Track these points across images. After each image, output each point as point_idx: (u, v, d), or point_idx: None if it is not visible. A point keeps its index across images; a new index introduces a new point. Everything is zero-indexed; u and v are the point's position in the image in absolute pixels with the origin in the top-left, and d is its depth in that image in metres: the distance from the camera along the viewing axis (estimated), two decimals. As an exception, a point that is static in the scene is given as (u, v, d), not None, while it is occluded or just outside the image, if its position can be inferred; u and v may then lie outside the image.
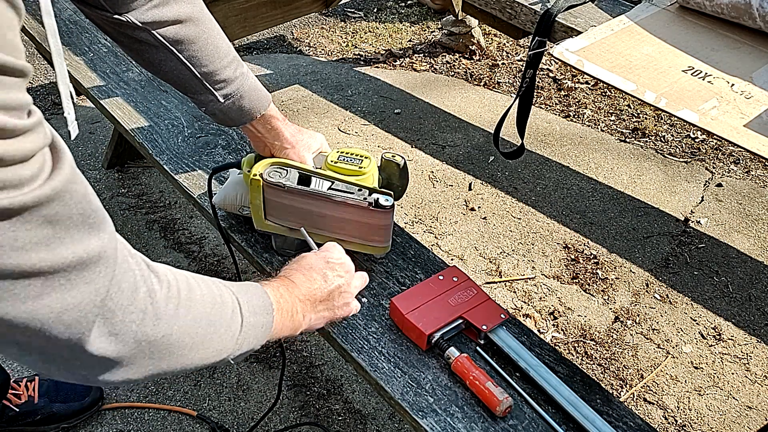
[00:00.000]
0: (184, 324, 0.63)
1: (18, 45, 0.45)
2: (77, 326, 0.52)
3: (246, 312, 0.74)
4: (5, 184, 0.44)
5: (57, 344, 0.52)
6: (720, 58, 1.28)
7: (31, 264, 0.47)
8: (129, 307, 0.56)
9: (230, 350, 0.72)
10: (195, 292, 0.66)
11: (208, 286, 0.70)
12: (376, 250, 1.14)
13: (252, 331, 0.75)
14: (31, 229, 0.46)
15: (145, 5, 0.93)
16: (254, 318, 0.76)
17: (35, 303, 0.48)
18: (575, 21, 1.50)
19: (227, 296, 0.73)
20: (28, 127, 0.46)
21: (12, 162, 0.44)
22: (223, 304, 0.71)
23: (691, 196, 2.31)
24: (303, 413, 1.63)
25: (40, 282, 0.48)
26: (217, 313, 0.69)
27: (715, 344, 1.82)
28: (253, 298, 0.78)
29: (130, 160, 2.33)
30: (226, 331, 0.71)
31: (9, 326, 0.49)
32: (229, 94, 1.03)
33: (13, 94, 0.45)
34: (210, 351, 0.68)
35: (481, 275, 1.98)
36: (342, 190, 1.06)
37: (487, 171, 2.38)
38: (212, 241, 2.06)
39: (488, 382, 0.98)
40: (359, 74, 2.93)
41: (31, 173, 0.46)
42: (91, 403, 1.56)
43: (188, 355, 0.65)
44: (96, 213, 0.52)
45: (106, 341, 0.55)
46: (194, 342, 0.65)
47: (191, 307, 0.65)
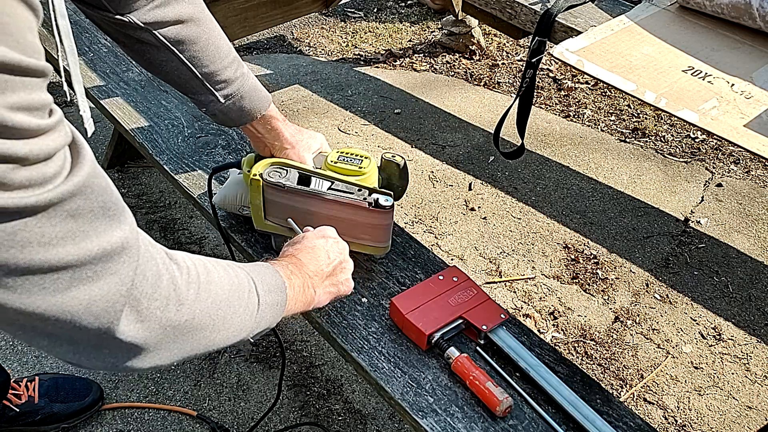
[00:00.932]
0: (205, 307, 0.65)
1: (37, 45, 0.47)
2: (106, 316, 0.53)
3: (261, 291, 0.77)
4: (31, 183, 0.46)
5: (87, 334, 0.54)
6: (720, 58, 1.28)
7: (59, 258, 0.48)
8: (153, 295, 0.58)
9: (250, 329, 0.75)
10: (213, 275, 0.68)
11: (224, 268, 0.72)
12: (376, 250, 1.14)
13: (268, 309, 0.78)
14: (57, 224, 0.48)
15: (147, 6, 0.93)
16: (269, 296, 0.79)
17: (64, 296, 0.50)
18: (575, 21, 1.50)
19: (243, 277, 0.75)
20: (51, 126, 0.47)
21: (36, 161, 0.46)
22: (239, 285, 0.73)
23: (691, 196, 2.31)
24: (303, 413, 1.63)
25: (68, 275, 0.50)
26: (235, 295, 0.71)
27: (715, 344, 1.82)
28: (266, 277, 0.80)
29: (130, 160, 2.33)
30: (244, 311, 0.73)
31: (41, 319, 0.50)
32: (230, 95, 1.03)
33: (36, 95, 0.46)
34: (231, 331, 0.71)
35: (481, 275, 1.98)
36: (342, 190, 1.06)
37: (487, 171, 2.38)
38: (212, 241, 2.06)
39: (488, 382, 0.98)
40: (359, 74, 2.93)
41: (54, 171, 0.47)
42: (91, 403, 1.56)
43: (211, 336, 0.67)
44: (116, 205, 0.54)
45: (133, 329, 0.56)
46: (215, 323, 0.67)
47: (210, 290, 0.67)
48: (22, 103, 0.44)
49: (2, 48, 0.43)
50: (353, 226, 1.09)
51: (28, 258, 0.47)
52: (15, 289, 0.48)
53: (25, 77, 0.45)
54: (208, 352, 0.69)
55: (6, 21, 0.43)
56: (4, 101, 0.43)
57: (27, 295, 0.48)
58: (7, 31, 0.43)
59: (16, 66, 0.44)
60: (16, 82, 0.44)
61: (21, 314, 0.49)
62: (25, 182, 0.45)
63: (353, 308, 1.12)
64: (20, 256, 0.46)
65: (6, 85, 0.43)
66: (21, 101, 0.44)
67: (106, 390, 1.63)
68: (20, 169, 0.45)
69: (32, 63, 0.45)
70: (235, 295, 0.71)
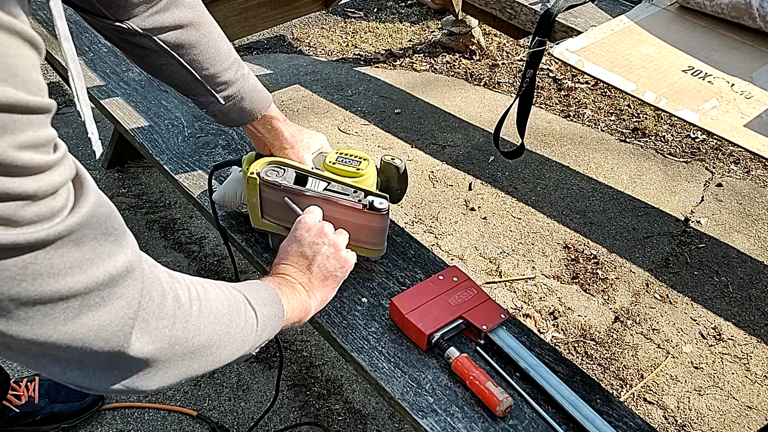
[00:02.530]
0: (208, 323, 0.67)
1: (41, 83, 0.48)
2: (115, 339, 0.55)
3: (256, 305, 0.78)
4: (40, 218, 0.47)
5: (98, 358, 0.55)
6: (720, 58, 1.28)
7: (69, 287, 0.49)
8: (160, 314, 0.59)
9: (252, 342, 0.76)
10: (210, 294, 0.70)
11: (218, 287, 0.74)
12: (371, 252, 1.14)
13: (267, 321, 0.80)
14: (64, 254, 0.49)
15: (146, 12, 0.93)
16: (266, 309, 0.80)
17: (75, 323, 0.51)
18: (575, 21, 1.50)
19: (236, 294, 0.76)
20: (57, 161, 0.48)
21: (44, 196, 0.47)
22: (235, 301, 0.75)
23: (691, 196, 2.31)
24: (303, 413, 1.63)
25: (77, 303, 0.51)
26: (233, 311, 0.73)
27: (715, 344, 1.82)
28: (258, 292, 0.82)
29: (131, 160, 2.33)
30: (245, 325, 0.75)
31: (53, 347, 0.51)
32: (230, 96, 1.03)
33: (42, 132, 0.47)
34: (235, 346, 0.72)
35: (481, 275, 1.98)
36: (337, 191, 1.06)
37: (487, 171, 2.38)
38: (212, 241, 2.06)
39: (488, 382, 0.98)
40: (359, 74, 2.93)
41: (61, 204, 0.48)
42: (91, 403, 1.56)
43: (217, 352, 0.69)
44: (118, 230, 0.55)
45: (144, 349, 0.58)
46: (220, 339, 0.69)
47: (211, 306, 0.68)
48: (29, 141, 0.45)
49: (9, 89, 0.44)
50: (348, 227, 1.08)
51: (39, 290, 0.48)
52: (27, 321, 0.49)
53: (32, 115, 0.46)
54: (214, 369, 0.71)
55: (12, 62, 0.44)
56: (13, 141, 0.44)
57: (39, 326, 0.49)
58: (13, 72, 0.44)
59: (23, 106, 0.45)
60: (23, 122, 0.45)
61: (33, 344, 0.50)
62: (35, 218, 0.46)
63: (353, 308, 1.12)
64: (31, 288, 0.47)
65: (15, 126, 0.44)
66: (28, 140, 0.45)
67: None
68: (30, 205, 0.46)
69: (38, 102, 0.46)
70: (234, 312, 0.73)
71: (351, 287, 1.16)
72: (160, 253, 2.02)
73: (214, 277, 1.95)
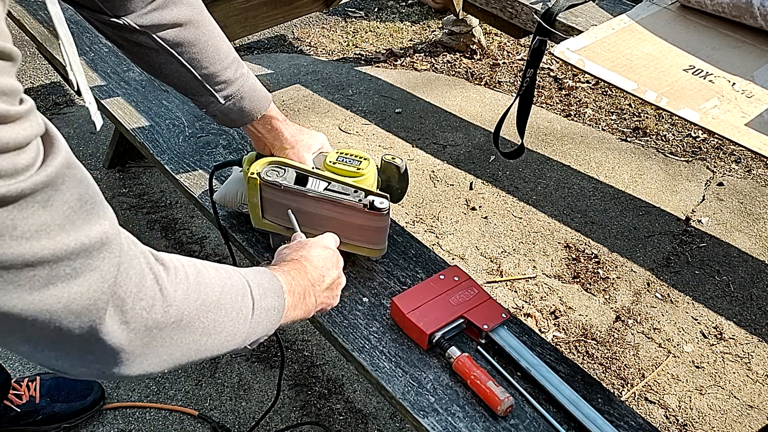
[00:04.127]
0: (194, 308, 0.62)
1: (5, 30, 0.45)
2: (87, 315, 0.51)
3: (257, 295, 0.73)
4: (1, 173, 0.43)
5: (69, 337, 0.51)
6: (721, 57, 1.28)
7: (33, 252, 0.46)
8: (138, 294, 0.55)
9: (244, 334, 0.71)
10: (203, 277, 0.65)
11: (216, 270, 0.69)
12: (372, 252, 1.14)
13: (264, 314, 0.74)
14: (29, 216, 0.45)
15: (144, 8, 0.92)
16: (265, 301, 0.75)
17: (42, 294, 0.47)
18: (576, 20, 1.50)
19: (237, 279, 0.72)
20: (21, 114, 0.45)
21: (7, 149, 0.43)
22: (232, 287, 0.70)
23: (692, 195, 2.31)
24: (304, 413, 1.63)
25: (45, 271, 0.47)
26: (227, 297, 0.68)
27: (716, 343, 1.82)
28: (263, 281, 0.77)
29: (131, 160, 2.34)
30: (237, 315, 0.69)
31: (18, 320, 0.48)
32: (230, 96, 1.03)
33: (5, 79, 0.44)
34: (224, 335, 0.67)
35: (482, 275, 1.98)
36: (337, 191, 1.06)
37: (488, 170, 2.38)
38: (213, 241, 2.06)
39: (489, 382, 0.98)
40: (360, 74, 2.93)
41: (26, 162, 0.45)
42: (92, 403, 1.56)
43: (201, 341, 0.64)
44: (94, 198, 0.51)
45: (118, 330, 0.54)
46: (206, 327, 0.64)
47: (201, 291, 0.64)
48: None
49: None
50: (348, 227, 1.09)
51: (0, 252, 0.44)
52: None
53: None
54: (200, 360, 0.66)
55: None
56: None
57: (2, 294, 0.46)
58: None
59: None
60: None
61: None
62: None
63: (354, 308, 1.12)
64: None
65: None
66: None
67: (108, 389, 1.64)
68: None
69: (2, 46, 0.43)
70: (228, 298, 0.68)
71: (352, 287, 1.16)
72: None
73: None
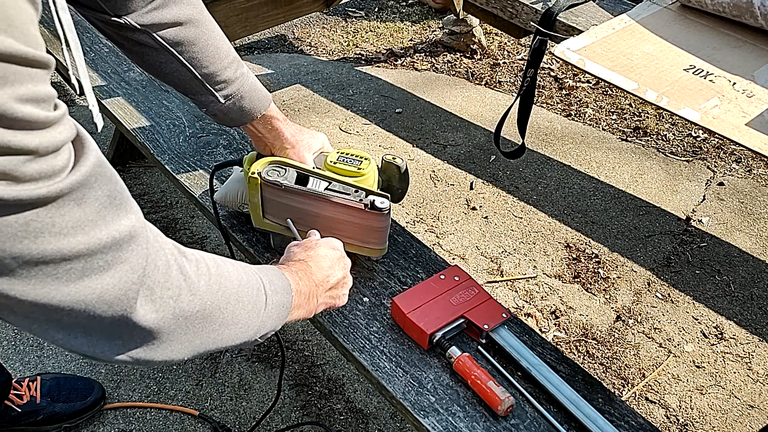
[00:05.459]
0: (216, 299, 0.66)
1: (39, 38, 0.47)
2: (119, 304, 0.54)
3: (269, 290, 0.77)
4: (41, 175, 0.46)
5: (102, 323, 0.54)
6: (721, 56, 1.28)
7: (71, 248, 0.49)
8: (165, 284, 0.59)
9: (256, 327, 0.75)
10: (223, 269, 0.69)
11: (233, 264, 0.73)
12: (372, 252, 1.14)
13: (275, 309, 0.78)
14: (65, 213, 0.49)
15: (145, 7, 0.92)
16: (276, 297, 0.78)
17: (78, 285, 0.51)
18: (576, 20, 1.50)
19: (252, 274, 0.75)
20: (58, 119, 0.48)
21: (46, 153, 0.46)
22: (249, 281, 0.74)
23: (692, 194, 2.31)
24: (305, 413, 1.63)
25: (80, 264, 0.50)
26: (244, 290, 0.72)
27: (716, 343, 1.82)
28: (273, 278, 0.80)
29: (132, 160, 2.34)
30: (253, 308, 0.73)
31: (55, 310, 0.51)
32: (230, 95, 1.03)
33: (42, 87, 0.46)
34: (239, 327, 0.71)
35: (482, 274, 1.98)
36: (338, 190, 1.06)
37: (488, 170, 2.38)
38: (214, 241, 2.06)
39: (490, 382, 0.98)
40: (360, 74, 2.93)
41: (62, 163, 0.48)
42: (93, 403, 1.56)
43: (220, 330, 0.68)
44: (122, 194, 0.55)
45: (149, 317, 0.57)
46: (225, 317, 0.68)
47: (221, 283, 0.67)
48: (29, 94, 0.45)
49: (9, 40, 0.43)
50: (349, 227, 1.09)
51: (41, 248, 0.48)
52: (29, 280, 0.48)
53: (32, 69, 0.45)
54: (216, 350, 0.70)
55: (11, 14, 0.44)
56: (13, 93, 0.44)
57: (41, 286, 0.49)
58: (12, 24, 0.44)
59: (23, 57, 0.44)
60: (23, 74, 0.44)
61: (36, 306, 0.50)
62: (36, 175, 0.46)
63: (355, 308, 1.12)
64: (33, 246, 0.47)
65: (15, 77, 0.44)
66: (29, 93, 0.45)
67: (108, 389, 1.64)
68: (31, 162, 0.45)
69: (37, 54, 0.45)
70: (245, 290, 0.72)
71: (353, 287, 1.16)
72: (161, 252, 2.02)
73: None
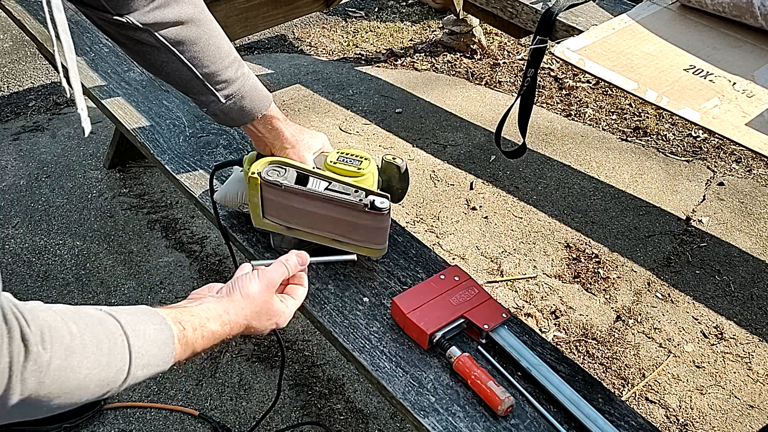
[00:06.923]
0: (44, 394, 0.59)
1: None
2: None
3: (135, 367, 0.67)
4: None
5: None
6: (721, 56, 1.28)
7: None
8: None
9: (104, 397, 0.67)
10: (73, 359, 0.60)
11: (98, 344, 0.63)
12: (372, 252, 1.14)
13: (136, 380, 0.69)
14: None
15: (146, 6, 0.93)
16: (142, 371, 0.69)
17: None
18: (576, 20, 1.50)
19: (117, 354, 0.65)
20: None
21: None
22: (108, 365, 0.64)
23: (692, 194, 2.31)
24: (305, 413, 1.63)
25: None
26: (96, 377, 0.63)
27: (716, 343, 1.82)
28: (152, 348, 0.69)
29: (132, 160, 2.34)
30: (99, 389, 0.65)
31: None
32: (231, 95, 1.03)
33: None
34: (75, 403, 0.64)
35: (482, 274, 1.98)
36: (338, 190, 1.06)
37: (488, 170, 2.38)
38: (214, 241, 2.06)
39: (490, 382, 0.98)
40: (360, 74, 2.93)
41: None
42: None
43: (37, 410, 0.61)
44: None
45: None
46: (51, 405, 0.61)
47: (60, 376, 0.59)
48: None
49: None
50: (349, 227, 1.09)
51: None
52: None
53: None
54: None
55: None
56: None
57: None
58: None
59: None
60: None
61: None
62: None
63: (355, 308, 1.12)
64: None
65: None
66: None
67: (108, 390, 1.64)
68: None
69: None
70: (96, 378, 0.63)
71: (352, 287, 1.16)
72: (161, 253, 2.02)
73: (216, 276, 1.95)
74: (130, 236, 2.07)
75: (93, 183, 2.26)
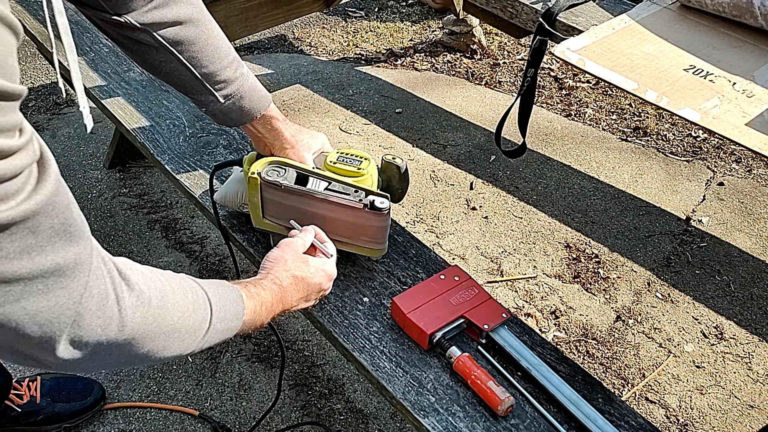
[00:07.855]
0: (148, 331, 0.64)
1: (16, 68, 0.47)
2: (50, 327, 0.54)
3: (216, 320, 0.75)
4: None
5: (29, 342, 0.54)
6: (721, 56, 1.28)
7: (12, 271, 0.49)
8: (97, 312, 0.58)
9: (189, 350, 0.74)
10: (167, 300, 0.67)
11: (183, 293, 0.71)
12: (372, 252, 1.14)
13: (216, 335, 0.77)
14: (15, 240, 0.48)
15: (145, 6, 0.93)
16: (221, 324, 0.77)
17: (13, 306, 0.50)
18: (576, 20, 1.50)
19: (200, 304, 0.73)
20: (20, 147, 0.48)
21: (2, 180, 0.46)
22: (194, 312, 0.72)
23: (692, 194, 2.31)
24: (305, 413, 1.63)
25: (19, 287, 0.50)
26: (185, 323, 0.70)
27: (716, 343, 1.82)
28: (227, 303, 0.78)
29: (132, 160, 2.34)
30: (189, 336, 0.72)
31: None
32: (230, 95, 1.03)
33: (9, 117, 0.46)
34: (170, 352, 0.70)
35: (482, 274, 1.98)
36: (338, 190, 1.06)
37: (488, 170, 2.38)
38: (214, 241, 2.06)
39: (490, 382, 0.98)
40: (360, 74, 2.93)
41: (16, 187, 0.47)
42: (93, 403, 1.56)
43: (143, 356, 0.66)
44: (76, 222, 0.54)
45: (69, 344, 0.56)
46: (152, 348, 0.66)
47: (159, 315, 0.65)
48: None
49: None
50: (349, 227, 1.09)
51: None
52: None
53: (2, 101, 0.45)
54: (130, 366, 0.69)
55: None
56: None
57: None
58: None
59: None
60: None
61: None
62: None
63: (355, 308, 1.12)
64: None
65: None
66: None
67: (108, 389, 1.64)
68: None
69: (10, 87, 0.46)
70: (185, 324, 0.70)
71: (352, 287, 1.16)
72: (161, 253, 2.02)
73: (216, 277, 1.95)
74: (130, 236, 2.07)
75: (93, 183, 2.26)
